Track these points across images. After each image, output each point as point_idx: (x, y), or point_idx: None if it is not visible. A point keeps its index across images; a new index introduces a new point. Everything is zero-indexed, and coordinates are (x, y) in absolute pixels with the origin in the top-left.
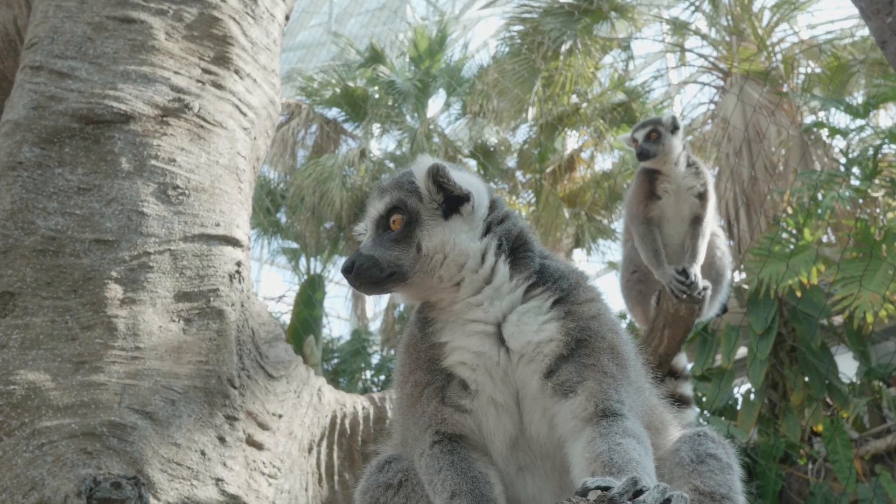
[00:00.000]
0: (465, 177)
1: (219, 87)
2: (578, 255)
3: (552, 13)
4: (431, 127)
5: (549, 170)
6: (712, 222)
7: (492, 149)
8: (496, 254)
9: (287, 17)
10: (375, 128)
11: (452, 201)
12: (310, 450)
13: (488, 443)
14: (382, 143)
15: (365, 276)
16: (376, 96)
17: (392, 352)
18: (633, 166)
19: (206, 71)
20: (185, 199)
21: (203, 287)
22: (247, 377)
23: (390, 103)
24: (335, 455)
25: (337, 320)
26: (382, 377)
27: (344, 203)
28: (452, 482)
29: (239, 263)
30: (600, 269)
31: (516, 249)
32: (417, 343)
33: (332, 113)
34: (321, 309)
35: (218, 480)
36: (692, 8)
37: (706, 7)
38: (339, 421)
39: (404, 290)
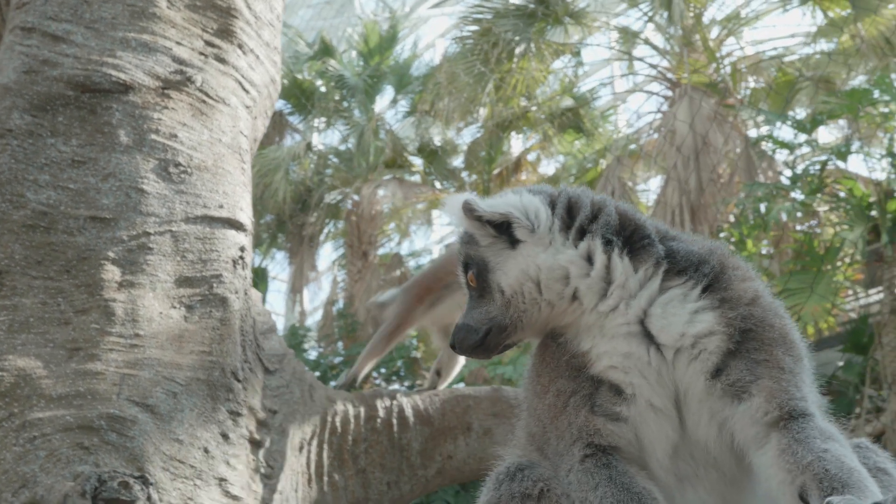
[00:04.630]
0: (502, 198)
1: (222, 61)
2: None
3: (506, 15)
4: (379, 123)
5: (496, 171)
6: None
7: (438, 148)
8: (605, 251)
9: None
10: (320, 122)
11: (509, 231)
12: (300, 449)
13: (647, 453)
14: (326, 138)
15: (466, 346)
16: (323, 90)
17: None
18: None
19: (208, 43)
20: (187, 178)
21: (206, 272)
22: (249, 370)
23: (337, 98)
24: (325, 455)
25: (277, 317)
26: (317, 374)
27: (287, 196)
28: (614, 499)
29: (242, 248)
30: None
31: (629, 239)
32: (554, 351)
33: (278, 105)
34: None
35: (221, 480)
36: (645, 17)
37: (659, 16)
38: (329, 419)
39: (518, 335)
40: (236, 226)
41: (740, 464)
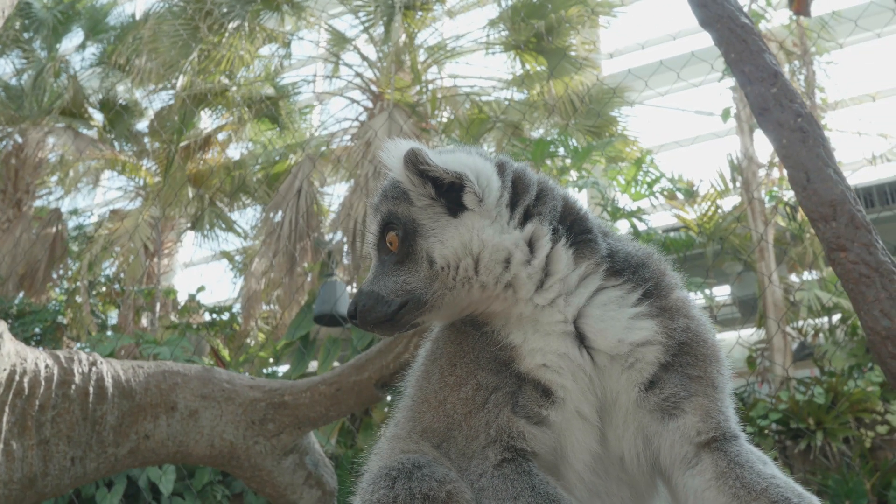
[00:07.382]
0: (456, 157)
1: None
2: (192, 237)
3: None
4: (62, 65)
5: (183, 143)
6: None
7: (123, 107)
8: (552, 240)
9: None
10: None
11: (452, 194)
12: None
13: (566, 464)
14: None
15: (371, 318)
16: None
17: None
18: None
19: None
20: None
21: None
22: None
23: (18, 26)
24: (4, 419)
25: None
26: None
27: None
28: None
29: None
30: (209, 255)
31: (570, 229)
32: (476, 341)
33: None
34: None
35: None
36: (361, 26)
37: (374, 29)
38: (17, 378)
39: (433, 315)
40: None
41: (652, 483)
